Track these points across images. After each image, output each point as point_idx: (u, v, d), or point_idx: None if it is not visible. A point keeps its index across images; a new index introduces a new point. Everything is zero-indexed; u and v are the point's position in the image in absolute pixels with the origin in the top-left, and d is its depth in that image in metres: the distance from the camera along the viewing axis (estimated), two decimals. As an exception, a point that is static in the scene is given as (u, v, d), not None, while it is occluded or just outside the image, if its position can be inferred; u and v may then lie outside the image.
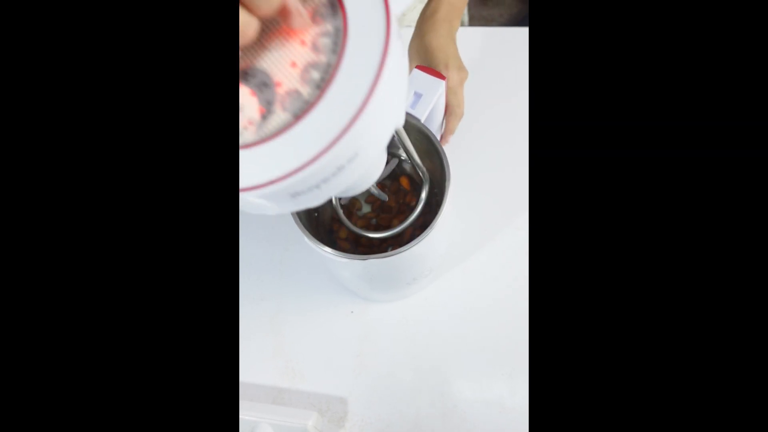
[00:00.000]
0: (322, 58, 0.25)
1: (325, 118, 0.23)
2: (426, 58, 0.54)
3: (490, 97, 0.68)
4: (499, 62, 0.71)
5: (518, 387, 0.55)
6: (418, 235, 0.45)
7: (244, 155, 0.24)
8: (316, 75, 0.24)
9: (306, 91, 0.24)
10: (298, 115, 0.24)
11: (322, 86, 0.24)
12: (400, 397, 0.56)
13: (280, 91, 0.25)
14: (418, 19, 0.57)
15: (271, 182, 0.24)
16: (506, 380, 0.56)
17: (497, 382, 0.56)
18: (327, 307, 0.61)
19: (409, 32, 0.58)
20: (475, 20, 1.67)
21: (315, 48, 0.25)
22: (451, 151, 0.65)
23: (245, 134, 0.25)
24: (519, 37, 0.73)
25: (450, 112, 0.55)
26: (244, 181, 0.25)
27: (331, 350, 0.59)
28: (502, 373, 0.56)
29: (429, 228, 0.45)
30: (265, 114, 0.25)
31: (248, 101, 0.25)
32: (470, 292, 0.60)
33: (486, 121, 0.67)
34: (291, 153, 0.24)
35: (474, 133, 0.66)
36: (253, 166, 0.24)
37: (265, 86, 0.25)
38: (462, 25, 0.85)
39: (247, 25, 0.23)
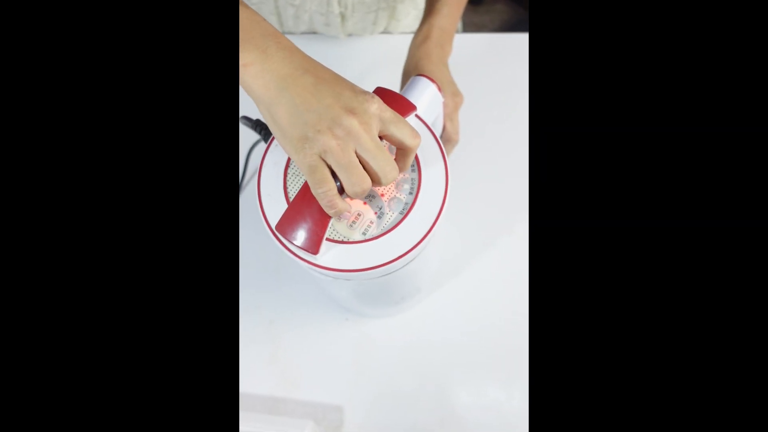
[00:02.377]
0: (407, 176, 0.39)
1: (422, 213, 0.37)
2: None
3: (482, 103, 0.69)
4: (491, 68, 0.71)
5: (515, 391, 0.55)
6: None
7: (373, 244, 0.37)
8: (407, 186, 0.39)
9: (403, 197, 0.38)
10: (404, 213, 0.38)
11: (414, 194, 0.38)
12: (398, 404, 0.56)
13: (385, 199, 0.38)
14: (410, 46, 0.57)
15: (400, 256, 0.36)
16: (502, 385, 0.56)
17: (494, 388, 0.56)
18: (322, 314, 0.60)
19: (403, 40, 0.59)
20: (466, 27, 1.68)
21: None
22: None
23: (370, 230, 0.37)
24: (511, 43, 0.73)
25: (446, 138, 0.54)
26: (375, 261, 0.36)
27: (327, 359, 0.58)
28: (499, 378, 0.56)
29: (418, 248, 0.44)
30: (380, 214, 0.38)
31: (364, 209, 0.38)
32: (466, 299, 0.60)
33: (477, 127, 0.67)
34: (410, 235, 0.37)
35: (465, 140, 0.67)
36: (378, 251, 0.37)
37: (373, 198, 0.38)
38: (456, 32, 0.85)
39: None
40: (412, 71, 0.54)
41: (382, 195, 0.38)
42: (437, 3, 0.57)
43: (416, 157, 0.40)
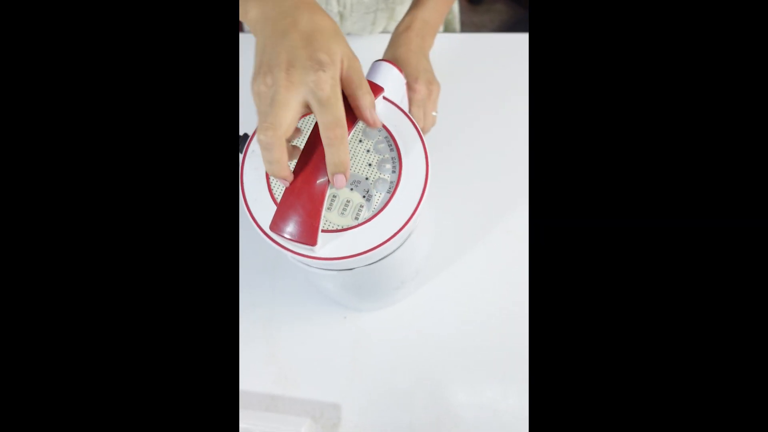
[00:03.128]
0: (387, 156, 0.40)
1: (409, 188, 0.39)
2: None
3: (481, 103, 0.69)
4: (490, 68, 0.71)
5: (511, 390, 0.55)
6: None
7: (369, 225, 0.38)
8: (388, 166, 0.40)
9: (387, 177, 0.39)
10: (391, 192, 0.39)
11: (397, 171, 0.39)
12: (394, 402, 0.56)
13: (370, 181, 0.39)
14: (392, 34, 0.57)
15: (390, 238, 0.37)
16: (499, 383, 0.56)
17: (490, 386, 0.56)
18: (320, 313, 0.60)
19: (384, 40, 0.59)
20: (465, 26, 1.68)
21: (377, 151, 0.40)
22: (438, 154, 0.66)
23: (362, 214, 0.38)
24: (509, 43, 0.73)
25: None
26: (373, 242, 0.37)
27: (324, 356, 0.58)
28: (495, 376, 0.56)
29: (413, 220, 0.43)
30: (367, 197, 0.39)
31: (352, 195, 0.39)
32: (461, 296, 0.60)
33: (476, 127, 0.68)
34: (402, 211, 0.38)
35: (464, 139, 0.67)
36: (373, 232, 0.37)
37: (359, 182, 0.39)
38: (454, 31, 0.86)
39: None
40: (390, 57, 0.54)
41: (367, 179, 0.39)
42: None
43: (392, 136, 0.40)
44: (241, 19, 0.38)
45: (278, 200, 0.39)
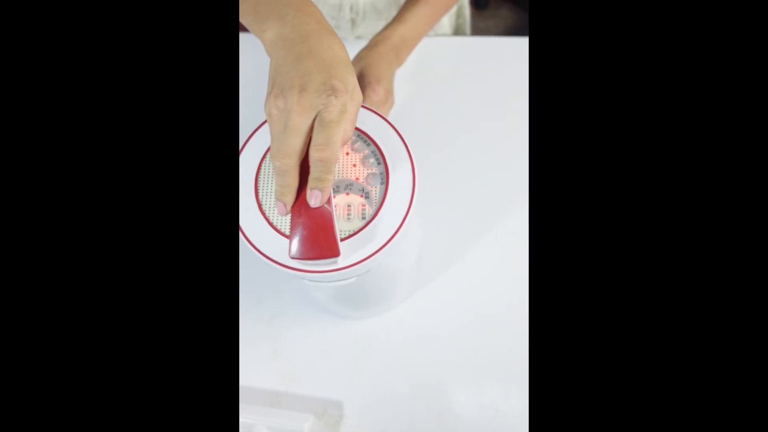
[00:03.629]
0: (367, 152, 0.41)
1: (400, 170, 0.40)
2: (361, 70, 0.55)
3: (485, 106, 0.69)
4: (494, 72, 0.72)
5: (512, 390, 0.56)
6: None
7: (380, 218, 0.38)
8: (372, 160, 0.40)
9: (377, 170, 0.40)
10: (384, 183, 0.39)
11: (382, 162, 0.40)
12: (396, 400, 0.56)
13: (361, 180, 0.40)
14: (371, 40, 0.58)
15: (404, 219, 0.38)
16: (500, 384, 0.56)
17: (491, 386, 0.56)
18: (322, 311, 0.61)
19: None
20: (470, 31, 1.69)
21: (356, 150, 0.41)
22: (440, 154, 0.66)
23: (367, 212, 0.39)
24: (512, 47, 0.74)
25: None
26: (391, 229, 0.38)
27: (327, 354, 0.59)
28: (496, 376, 0.57)
29: (415, 195, 0.42)
30: (366, 194, 0.39)
31: (352, 199, 0.39)
32: (462, 295, 0.60)
33: (480, 130, 0.68)
34: (401, 198, 0.39)
35: (465, 138, 0.68)
36: (386, 221, 0.38)
37: (351, 185, 0.40)
38: (464, 34, 0.87)
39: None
40: (363, 54, 0.56)
41: (357, 179, 0.40)
42: (407, 12, 0.59)
43: (363, 133, 0.41)
44: (257, 35, 0.39)
45: (279, 228, 0.38)
